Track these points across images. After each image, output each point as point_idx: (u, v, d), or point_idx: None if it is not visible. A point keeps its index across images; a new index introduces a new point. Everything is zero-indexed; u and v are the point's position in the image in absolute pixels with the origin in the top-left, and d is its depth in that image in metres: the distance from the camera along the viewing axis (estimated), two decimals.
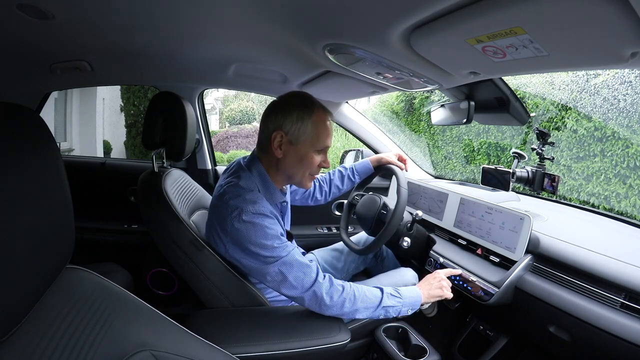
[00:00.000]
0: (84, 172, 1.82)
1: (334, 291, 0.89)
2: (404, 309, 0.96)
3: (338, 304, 0.89)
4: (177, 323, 0.58)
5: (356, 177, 1.39)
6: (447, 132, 4.27)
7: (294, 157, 0.93)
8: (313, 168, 0.95)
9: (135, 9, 0.77)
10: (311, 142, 0.92)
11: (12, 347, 0.39)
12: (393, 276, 1.19)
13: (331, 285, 0.89)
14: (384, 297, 0.93)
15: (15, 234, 0.37)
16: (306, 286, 0.87)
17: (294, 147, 0.92)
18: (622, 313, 0.79)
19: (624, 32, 0.48)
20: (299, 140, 0.91)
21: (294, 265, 0.87)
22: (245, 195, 0.88)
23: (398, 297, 0.95)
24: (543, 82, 3.29)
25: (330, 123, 0.96)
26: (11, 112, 0.40)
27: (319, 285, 0.88)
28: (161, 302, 1.21)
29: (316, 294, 0.88)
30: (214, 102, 12.26)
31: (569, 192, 3.05)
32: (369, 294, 0.93)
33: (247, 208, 0.86)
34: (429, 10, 0.58)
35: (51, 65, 1.19)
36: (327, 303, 0.88)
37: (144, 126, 1.11)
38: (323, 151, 0.96)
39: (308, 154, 0.93)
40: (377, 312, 0.92)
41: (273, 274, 0.87)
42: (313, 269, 0.89)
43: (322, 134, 0.93)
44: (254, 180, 0.94)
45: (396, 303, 0.94)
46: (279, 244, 0.87)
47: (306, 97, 0.94)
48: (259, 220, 0.86)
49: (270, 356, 0.86)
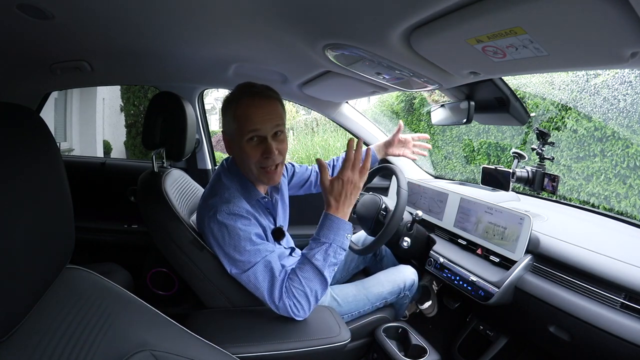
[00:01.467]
0: (84, 172, 1.82)
1: (292, 296, 0.86)
2: (344, 242, 0.89)
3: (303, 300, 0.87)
4: (177, 323, 0.58)
5: None
6: (447, 132, 4.27)
7: (237, 153, 0.94)
8: (254, 159, 0.89)
9: (135, 9, 0.77)
10: (238, 133, 0.89)
11: (12, 347, 0.39)
12: (392, 274, 1.20)
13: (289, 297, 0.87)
14: (316, 265, 0.87)
15: (15, 234, 0.37)
16: (275, 297, 0.86)
17: (233, 144, 0.92)
18: (622, 313, 0.79)
19: (624, 32, 0.48)
20: (231, 135, 0.92)
21: (263, 271, 0.86)
22: (222, 194, 0.90)
23: (324, 244, 0.88)
24: (543, 82, 3.29)
25: (257, 107, 0.87)
26: (11, 112, 0.40)
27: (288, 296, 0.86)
28: (161, 302, 1.21)
29: (286, 305, 0.86)
30: (214, 102, 12.26)
31: (569, 192, 3.05)
32: (304, 271, 0.87)
33: (222, 208, 0.87)
34: (429, 10, 0.58)
35: (51, 65, 1.19)
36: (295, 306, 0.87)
37: (144, 126, 1.11)
38: (256, 139, 0.88)
39: (241, 146, 0.89)
40: (327, 273, 0.87)
41: (245, 279, 0.87)
42: (282, 279, 0.87)
43: (243, 122, 0.87)
44: (232, 180, 0.95)
45: (330, 252, 0.87)
46: (250, 247, 0.86)
47: (236, 90, 0.92)
48: (231, 222, 0.86)
49: (270, 356, 0.86)
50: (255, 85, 0.92)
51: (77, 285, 0.50)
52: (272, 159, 0.89)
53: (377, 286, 1.14)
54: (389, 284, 1.15)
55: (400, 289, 1.16)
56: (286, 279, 0.87)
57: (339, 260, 0.90)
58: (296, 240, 1.23)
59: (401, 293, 1.17)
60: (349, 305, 1.10)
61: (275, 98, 0.92)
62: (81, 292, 0.49)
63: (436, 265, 1.23)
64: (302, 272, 0.88)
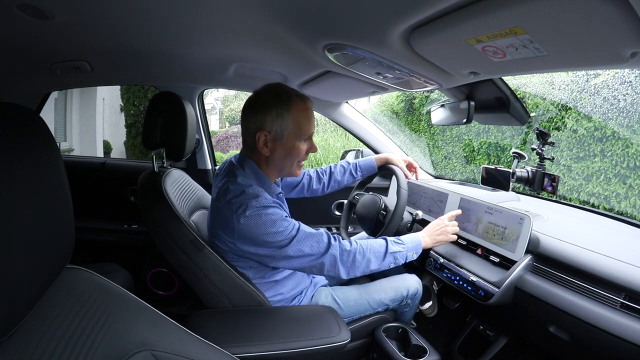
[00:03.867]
0: (84, 172, 1.82)
1: (344, 249, 0.94)
2: (409, 254, 1.03)
3: (350, 260, 0.95)
4: (177, 323, 0.58)
5: (358, 173, 1.38)
6: (447, 132, 4.27)
7: (281, 152, 0.95)
8: (301, 156, 0.98)
9: (135, 9, 0.77)
10: (295, 134, 0.93)
11: (12, 347, 0.39)
12: (396, 281, 1.19)
13: (340, 245, 0.95)
14: (389, 244, 1.01)
15: (15, 234, 0.37)
16: (322, 251, 0.92)
17: (279, 143, 0.93)
18: (622, 313, 0.79)
19: (624, 32, 0.48)
20: (282, 135, 0.93)
21: (306, 237, 0.91)
22: (247, 191, 0.90)
23: (401, 243, 1.03)
24: (543, 82, 3.29)
25: (310, 110, 0.96)
26: (11, 112, 0.40)
27: (334, 248, 0.93)
28: (161, 302, 1.21)
29: (334, 256, 0.92)
30: (214, 102, 12.26)
31: (569, 192, 3.05)
32: (375, 244, 1.00)
33: (251, 203, 0.87)
34: (429, 10, 0.58)
35: (51, 65, 1.19)
36: (343, 260, 0.94)
37: (144, 126, 1.11)
38: (309, 138, 0.98)
39: (294, 146, 0.95)
40: (387, 259, 0.99)
41: (291, 253, 0.90)
42: (324, 235, 0.94)
43: (303, 124, 0.94)
44: (249, 177, 0.95)
45: (401, 249, 1.01)
46: (286, 225, 0.89)
47: (281, 90, 0.94)
48: (263, 212, 0.87)
49: (270, 356, 0.86)
50: (291, 88, 0.97)
51: (77, 285, 0.50)
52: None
53: (380, 292, 1.14)
54: (391, 291, 1.15)
55: (403, 297, 1.16)
56: (351, 240, 0.99)
57: (398, 263, 1.02)
58: None
59: (403, 301, 1.16)
60: (350, 310, 1.10)
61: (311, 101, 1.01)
62: (81, 292, 0.49)
63: (436, 265, 1.23)
64: (374, 241, 1.01)
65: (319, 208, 1.82)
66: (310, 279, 1.14)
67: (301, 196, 1.37)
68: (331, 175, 1.36)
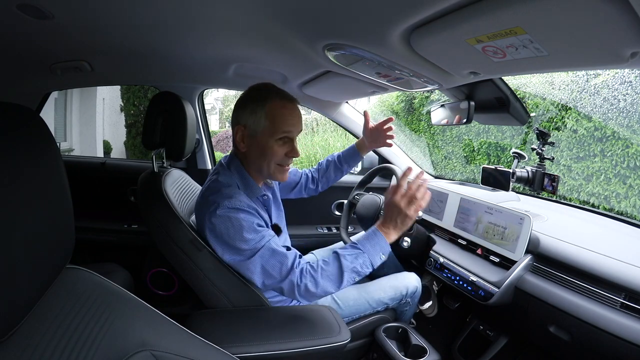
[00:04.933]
0: (84, 172, 1.82)
1: (302, 276, 0.87)
2: (374, 259, 0.89)
3: (303, 290, 0.86)
4: (177, 323, 0.58)
5: (344, 165, 1.33)
6: (447, 132, 4.27)
7: (256, 150, 0.94)
8: (277, 158, 0.93)
9: (135, 9, 0.77)
10: (269, 131, 0.91)
11: (12, 347, 0.39)
12: (395, 279, 1.19)
13: (301, 272, 0.87)
14: (342, 261, 0.88)
15: (15, 234, 0.37)
16: (283, 275, 0.86)
17: (254, 140, 0.93)
18: (622, 313, 0.79)
19: (624, 32, 0.48)
20: (257, 132, 0.92)
21: (271, 255, 0.87)
22: (223, 190, 0.90)
23: (359, 250, 0.89)
24: (543, 82, 3.28)
25: (288, 109, 0.92)
26: (11, 112, 0.40)
27: (293, 274, 0.86)
28: (161, 302, 1.21)
29: (292, 282, 0.86)
30: (214, 102, 12.26)
31: (569, 192, 3.04)
32: (326, 266, 0.89)
33: (223, 203, 0.87)
34: (429, 10, 0.58)
35: (51, 65, 1.19)
36: (300, 289, 0.86)
37: (144, 126, 1.11)
38: (286, 139, 0.93)
39: (268, 145, 0.92)
40: (347, 277, 0.87)
41: (252, 267, 0.87)
42: (289, 258, 0.87)
43: (277, 122, 0.91)
44: (232, 177, 0.95)
45: (361, 260, 0.88)
46: (254, 235, 0.87)
47: (262, 88, 0.94)
48: (234, 214, 0.86)
49: (270, 356, 0.86)
50: (279, 88, 0.95)
51: (77, 285, 0.50)
52: (291, 160, 0.96)
53: (379, 291, 1.14)
54: (391, 290, 1.15)
55: (402, 296, 1.16)
56: (305, 263, 0.89)
57: (362, 274, 0.89)
58: (294, 241, 1.23)
59: (403, 299, 1.16)
60: (350, 309, 1.10)
61: (299, 103, 0.97)
62: (81, 292, 0.49)
63: (436, 265, 1.23)
64: (325, 264, 0.89)
65: (319, 208, 1.82)
66: None
67: (300, 197, 1.36)
68: (319, 171, 1.35)
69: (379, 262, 0.91)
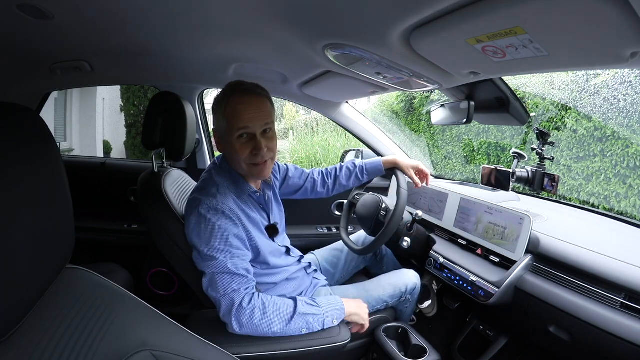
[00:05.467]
0: (84, 172, 1.82)
1: (247, 299, 0.85)
2: (327, 318, 0.92)
3: (248, 315, 0.84)
4: (177, 323, 0.58)
5: (364, 177, 1.32)
6: (447, 132, 4.27)
7: (227, 150, 0.94)
8: (244, 157, 0.90)
9: (135, 9, 0.77)
10: (229, 130, 0.89)
11: (12, 347, 0.39)
12: (394, 277, 1.19)
13: (246, 296, 0.85)
14: (298, 304, 0.89)
15: (16, 234, 0.37)
16: (228, 290, 0.84)
17: (224, 140, 0.93)
18: (622, 313, 0.79)
19: (624, 32, 0.48)
20: (221, 132, 0.93)
21: (227, 270, 0.85)
22: (209, 189, 0.91)
23: (316, 305, 0.92)
24: (543, 82, 3.29)
25: (245, 104, 0.88)
26: (11, 112, 0.40)
27: (237, 294, 0.84)
28: (161, 302, 1.21)
29: (232, 300, 0.84)
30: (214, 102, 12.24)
31: (569, 192, 3.05)
32: (281, 302, 0.89)
33: (205, 201, 0.87)
34: (429, 11, 0.58)
35: (51, 65, 1.19)
36: (238, 311, 0.83)
37: (143, 126, 1.11)
38: (245, 136, 0.89)
39: (231, 143, 0.90)
40: (296, 322, 0.87)
41: (206, 269, 0.86)
42: (243, 281, 0.86)
43: (232, 120, 0.88)
44: (223, 176, 0.95)
45: (315, 311, 0.91)
46: (221, 246, 0.85)
47: (226, 88, 0.92)
48: (210, 216, 0.86)
49: (270, 356, 0.86)
50: (244, 83, 0.92)
51: (77, 285, 0.50)
52: (261, 155, 0.90)
53: (378, 289, 1.14)
54: (390, 288, 1.15)
55: (402, 293, 1.16)
56: (260, 293, 0.89)
57: (310, 329, 0.90)
58: (294, 241, 1.23)
59: (402, 297, 1.16)
60: None
61: (264, 95, 0.92)
62: (81, 292, 0.49)
63: (436, 265, 1.23)
64: (280, 300, 0.89)
65: (319, 208, 1.82)
66: (310, 279, 1.14)
67: (305, 198, 1.36)
68: (336, 179, 1.32)
69: (329, 326, 0.93)
